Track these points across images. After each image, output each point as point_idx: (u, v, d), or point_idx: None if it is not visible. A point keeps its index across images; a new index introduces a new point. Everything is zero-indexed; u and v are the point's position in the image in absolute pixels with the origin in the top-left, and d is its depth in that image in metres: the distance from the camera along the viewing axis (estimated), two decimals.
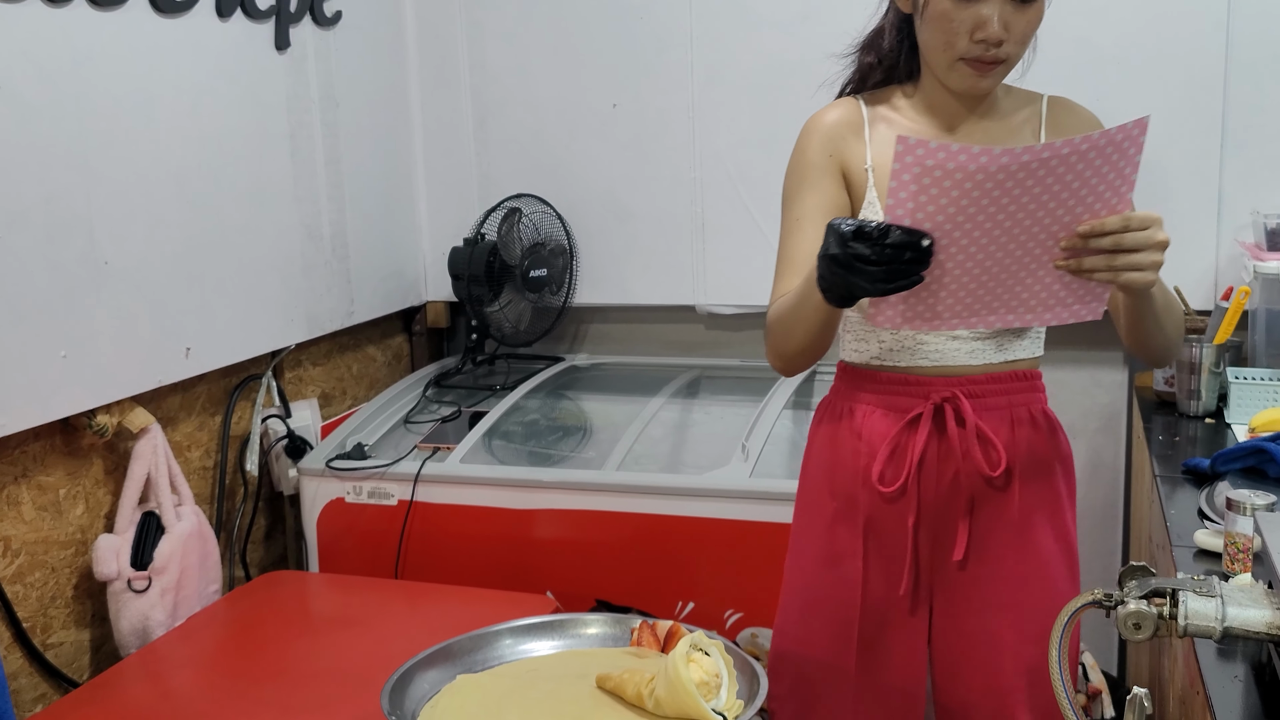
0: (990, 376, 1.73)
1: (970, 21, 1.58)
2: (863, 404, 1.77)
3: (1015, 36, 1.60)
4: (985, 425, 1.71)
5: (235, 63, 2.57)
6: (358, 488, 2.67)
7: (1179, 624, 1.26)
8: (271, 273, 2.70)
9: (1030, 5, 1.59)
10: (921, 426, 1.71)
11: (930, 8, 1.61)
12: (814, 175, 1.73)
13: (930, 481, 1.73)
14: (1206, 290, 2.82)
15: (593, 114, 3.17)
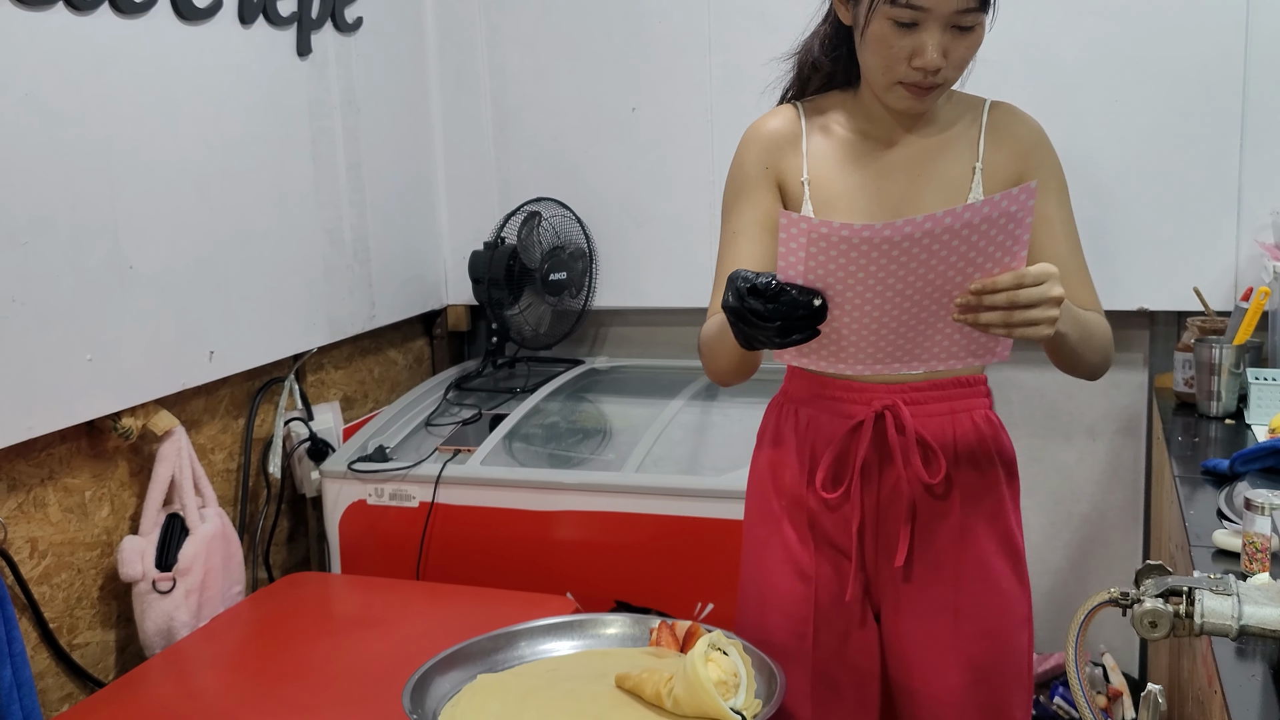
0: (933, 384, 1.75)
1: (909, 48, 1.57)
2: (808, 408, 1.79)
3: (954, 62, 1.59)
4: (926, 432, 1.73)
5: (257, 69, 2.59)
6: (379, 490, 2.69)
7: (1195, 622, 1.26)
8: (293, 277, 2.73)
9: (970, 32, 1.58)
10: (863, 433, 1.73)
11: (869, 31, 1.60)
12: (750, 188, 1.75)
13: (872, 488, 1.75)
14: (1226, 291, 2.82)
15: (611, 118, 3.19)
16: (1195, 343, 2.55)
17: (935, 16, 1.54)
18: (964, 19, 1.56)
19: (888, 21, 1.56)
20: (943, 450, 1.73)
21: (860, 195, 1.73)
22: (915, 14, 1.55)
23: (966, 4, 1.54)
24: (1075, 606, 3.15)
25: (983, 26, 1.60)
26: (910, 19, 1.55)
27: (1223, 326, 2.63)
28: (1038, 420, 3.13)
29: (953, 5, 1.54)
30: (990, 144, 1.72)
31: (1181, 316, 2.91)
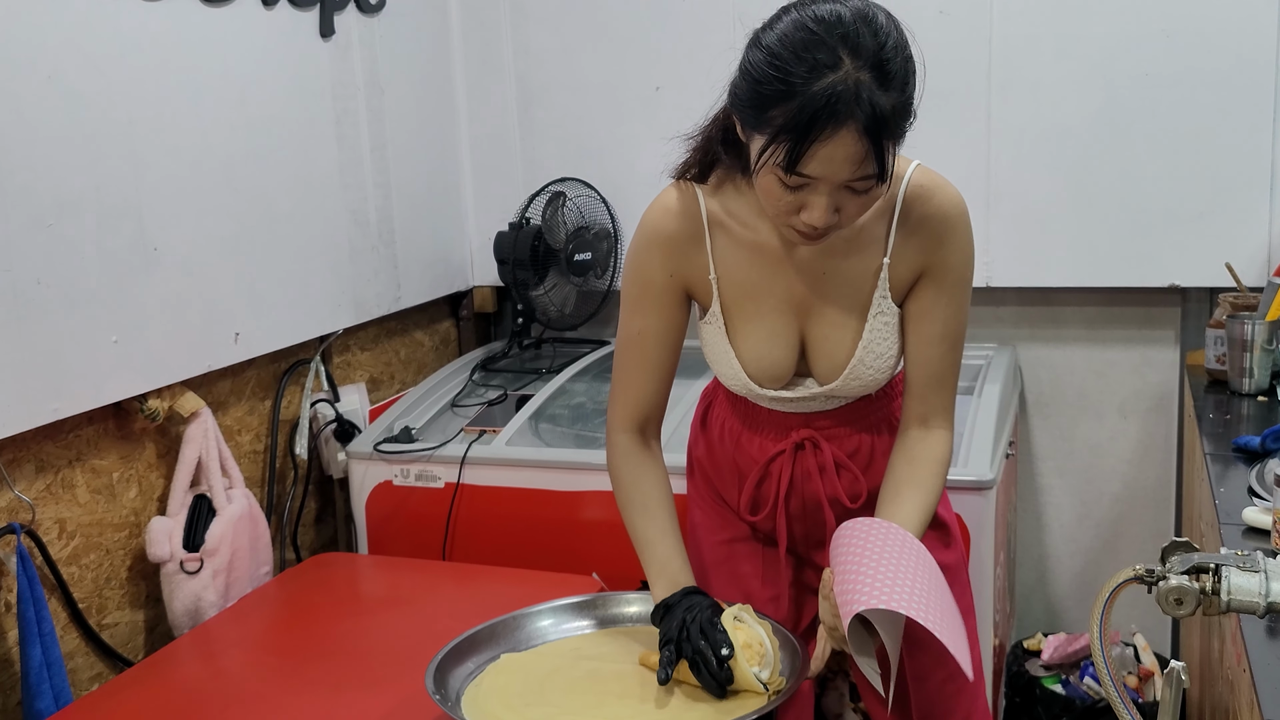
0: (848, 406, 1.78)
1: (797, 204, 1.48)
2: (735, 424, 1.84)
3: (847, 218, 1.51)
4: (845, 458, 1.77)
5: (281, 51, 2.59)
6: (405, 470, 2.69)
7: (1221, 599, 1.25)
8: (319, 259, 2.73)
9: (866, 193, 1.47)
10: (784, 461, 1.78)
11: (758, 179, 1.50)
12: (655, 295, 1.72)
13: (797, 510, 1.81)
14: (1260, 266, 2.78)
15: (636, 97, 3.17)
16: (1227, 319, 2.52)
17: (826, 184, 1.45)
18: (858, 184, 1.46)
19: (775, 179, 1.47)
20: (863, 470, 1.78)
21: (768, 293, 1.70)
22: (804, 181, 1.45)
23: (863, 173, 1.44)
24: None
25: (881, 186, 1.49)
26: (799, 184, 1.46)
27: (1255, 302, 2.60)
28: (1068, 400, 3.10)
29: (844, 176, 1.44)
30: (901, 236, 1.65)
31: (1213, 293, 2.87)
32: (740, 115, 1.51)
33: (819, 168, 1.43)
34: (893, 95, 1.42)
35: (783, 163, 1.43)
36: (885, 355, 1.71)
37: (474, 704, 1.57)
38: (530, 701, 1.56)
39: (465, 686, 1.62)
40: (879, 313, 1.69)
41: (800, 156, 1.42)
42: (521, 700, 1.56)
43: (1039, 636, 2.99)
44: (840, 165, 1.42)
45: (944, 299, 1.67)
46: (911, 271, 1.67)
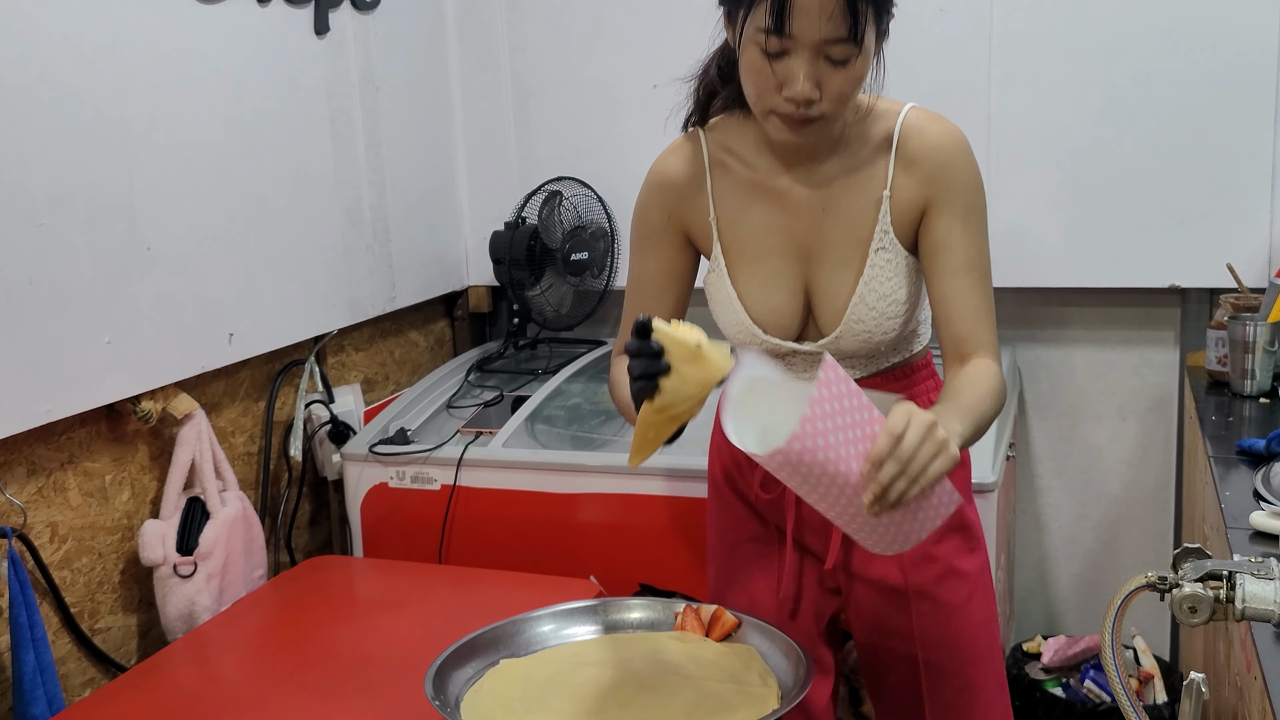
0: (872, 379, 1.76)
1: (779, 76, 1.50)
2: None
3: (830, 95, 1.52)
4: None
5: (275, 48, 2.56)
6: (401, 473, 2.67)
7: (1236, 607, 1.23)
8: (313, 258, 2.70)
9: (845, 66, 1.50)
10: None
11: (743, 58, 1.54)
12: (655, 238, 1.74)
13: None
14: (1260, 267, 2.77)
15: (633, 95, 3.15)
16: (1229, 320, 2.51)
17: (803, 45, 1.47)
18: (834, 50, 1.48)
19: (757, 49, 1.50)
20: None
21: (767, 234, 1.69)
22: (783, 43, 1.47)
23: (834, 33, 1.46)
24: (1106, 588, 3.13)
25: (864, 60, 1.52)
26: (778, 48, 1.48)
27: (1257, 303, 2.58)
28: (1067, 400, 3.08)
29: (819, 34, 1.46)
30: (900, 168, 1.65)
31: (1214, 294, 2.86)
32: (726, 5, 1.57)
33: (791, 20, 1.45)
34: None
35: (759, 17, 1.47)
36: (888, 298, 1.66)
37: (474, 710, 1.54)
38: (531, 707, 1.54)
39: (465, 692, 1.59)
40: (880, 248, 1.66)
41: (772, 4, 1.45)
42: (523, 705, 1.54)
43: (1038, 639, 2.98)
44: (814, 20, 1.45)
45: (958, 226, 1.63)
46: (914, 204, 1.65)
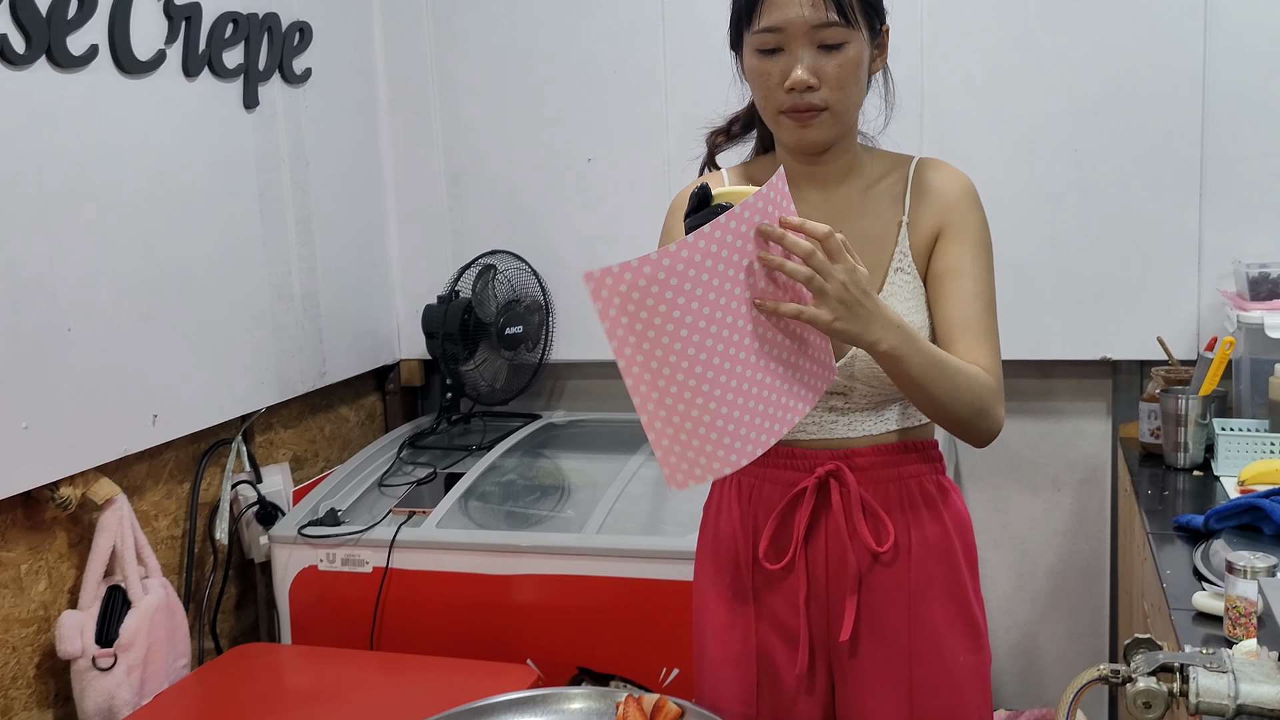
0: (877, 449, 1.69)
1: (779, 73, 1.57)
2: (750, 476, 1.73)
3: (829, 82, 1.57)
4: (872, 499, 1.67)
5: (203, 122, 2.52)
6: (331, 555, 2.60)
7: (1190, 701, 1.21)
8: (241, 335, 2.64)
9: (839, 51, 1.56)
10: (806, 501, 1.67)
11: (745, 67, 1.62)
12: None
13: (819, 558, 1.69)
14: (1189, 339, 2.80)
15: (568, 168, 3.14)
16: (1161, 393, 2.53)
17: (795, 35, 1.54)
18: (827, 35, 1.54)
19: (756, 51, 1.58)
20: (891, 517, 1.68)
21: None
22: (776, 37, 1.55)
23: (823, 18, 1.53)
24: (1044, 659, 3.13)
25: (858, 45, 1.57)
26: (774, 44, 1.56)
27: (1187, 376, 2.61)
28: (1002, 471, 3.09)
29: (809, 20, 1.53)
30: (915, 198, 1.69)
31: (1144, 365, 2.89)
32: (732, 33, 1.64)
33: (779, 13, 1.53)
34: None
35: (751, 22, 1.56)
36: (907, 316, 1.63)
37: None
38: None
39: None
40: (899, 269, 1.66)
41: (761, 4, 1.54)
42: None
43: None
44: (796, 7, 1.52)
45: (969, 255, 1.66)
46: (930, 233, 1.67)
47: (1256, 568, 1.59)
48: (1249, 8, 2.69)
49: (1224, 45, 2.71)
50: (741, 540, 1.74)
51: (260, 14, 2.68)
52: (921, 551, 1.69)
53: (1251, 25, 2.70)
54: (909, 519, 1.69)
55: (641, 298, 1.28)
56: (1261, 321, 2.49)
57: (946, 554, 1.72)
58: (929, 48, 2.85)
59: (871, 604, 1.69)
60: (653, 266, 1.27)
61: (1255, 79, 2.71)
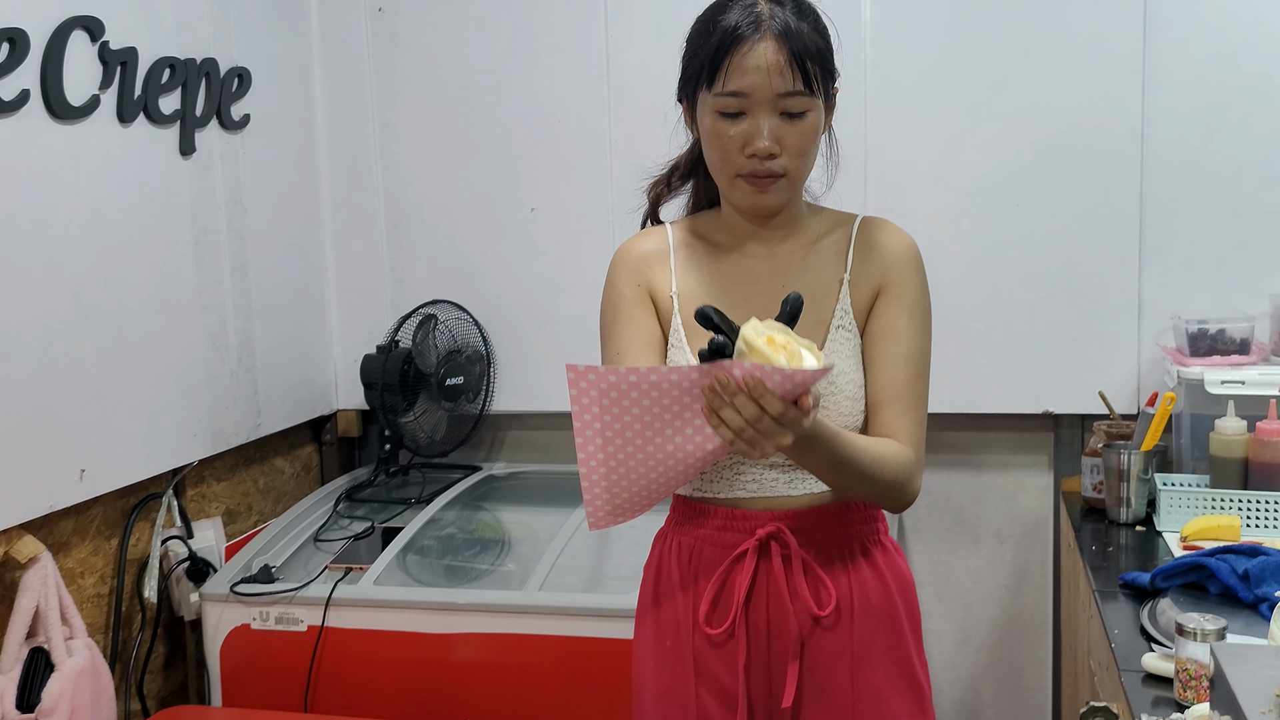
0: (818, 509, 1.67)
1: (740, 138, 1.56)
2: (690, 537, 1.71)
3: (790, 150, 1.58)
4: (814, 560, 1.65)
5: (137, 169, 2.46)
6: (264, 613, 2.52)
7: None
8: (174, 386, 2.57)
9: (801, 119, 1.56)
10: (746, 564, 1.65)
11: (703, 127, 1.61)
12: (626, 307, 1.71)
13: (760, 621, 1.66)
14: (1130, 393, 2.83)
15: (511, 217, 3.11)
16: (1103, 448, 2.54)
17: (759, 102, 1.54)
18: (791, 104, 1.55)
19: (716, 114, 1.56)
20: (833, 579, 1.66)
21: (725, 308, 1.65)
22: (740, 101, 1.54)
23: (789, 87, 1.53)
24: (989, 713, 3.11)
25: (817, 113, 1.58)
26: (736, 107, 1.55)
27: (1129, 431, 2.63)
28: (945, 525, 3.09)
29: (775, 89, 1.53)
30: (858, 256, 1.69)
31: (1085, 419, 2.91)
32: (684, 87, 1.64)
33: (745, 78, 1.53)
34: (807, 25, 1.56)
35: (713, 84, 1.55)
36: (846, 375, 1.64)
37: None
38: None
39: None
40: (840, 326, 1.66)
41: (725, 66, 1.54)
42: None
43: None
44: (764, 75, 1.53)
45: (905, 318, 1.66)
46: (870, 291, 1.67)
47: (1207, 630, 1.59)
48: (1185, 69, 2.74)
49: (1161, 104, 2.75)
50: (682, 603, 1.71)
51: (198, 59, 2.63)
52: (864, 614, 1.67)
53: (1188, 86, 2.74)
54: (851, 580, 1.67)
55: (618, 397, 1.37)
56: (1201, 377, 2.52)
57: (889, 616, 1.70)
58: (872, 102, 2.86)
59: (814, 668, 1.66)
60: (638, 376, 1.35)
61: (1192, 138, 2.75)
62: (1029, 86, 2.81)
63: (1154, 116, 2.75)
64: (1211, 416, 2.49)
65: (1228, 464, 2.43)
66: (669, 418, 1.39)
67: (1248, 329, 2.62)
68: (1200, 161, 2.76)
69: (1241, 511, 2.36)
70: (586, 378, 1.37)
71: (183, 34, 2.59)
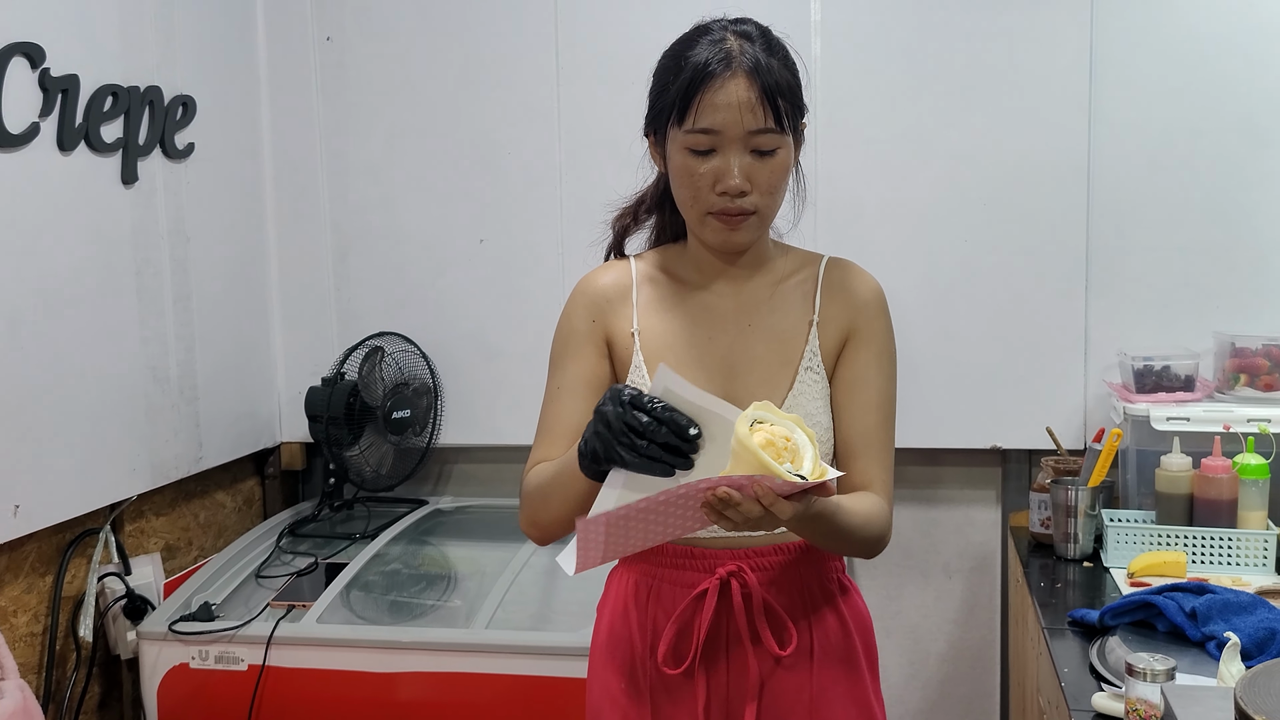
0: (777, 548, 1.65)
1: (711, 175, 1.55)
2: (648, 577, 1.69)
3: (760, 188, 1.57)
4: (775, 601, 1.64)
5: (77, 197, 2.42)
6: (204, 652, 2.47)
7: None
8: (112, 419, 2.52)
9: (772, 156, 1.56)
10: (707, 604, 1.62)
11: (672, 164, 1.59)
12: (576, 343, 1.69)
13: (719, 662, 1.64)
14: (1076, 429, 2.84)
15: (459, 249, 3.08)
16: (1051, 484, 2.54)
17: (730, 139, 1.53)
18: (762, 141, 1.54)
19: (686, 150, 1.55)
20: (793, 619, 1.64)
21: (689, 347, 1.66)
22: (711, 139, 1.53)
23: (760, 124, 1.53)
24: None
25: (788, 150, 1.58)
26: (707, 145, 1.54)
27: (1076, 467, 2.64)
28: (895, 559, 3.09)
29: (746, 126, 1.52)
30: (826, 299, 1.68)
31: (1033, 454, 2.92)
32: (653, 122, 1.62)
33: (716, 115, 1.52)
34: (777, 61, 1.55)
35: (684, 120, 1.53)
36: (813, 418, 1.62)
37: None
38: None
39: None
40: (809, 368, 1.64)
41: (696, 103, 1.52)
42: None
43: None
44: (735, 112, 1.52)
45: (874, 365, 1.66)
46: (839, 334, 1.67)
47: (1156, 670, 1.59)
48: (1130, 107, 2.78)
49: (1107, 142, 2.78)
50: (639, 643, 1.68)
51: (142, 87, 2.59)
52: (823, 654, 1.66)
53: (1133, 124, 2.78)
54: (811, 621, 1.66)
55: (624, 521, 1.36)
56: (1147, 414, 2.54)
57: (848, 656, 1.68)
58: (823, 137, 2.87)
59: (773, 709, 1.64)
60: (648, 503, 1.33)
61: (1137, 176, 2.79)
62: (977, 124, 2.83)
63: (1100, 154, 2.79)
64: (1157, 453, 2.50)
65: (1173, 500, 2.45)
66: (672, 521, 1.39)
67: (1192, 366, 2.65)
68: (1145, 199, 2.79)
69: (1187, 548, 2.38)
70: (599, 526, 1.36)
71: (126, 61, 2.55)
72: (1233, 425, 2.49)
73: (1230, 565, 2.37)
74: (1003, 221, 2.83)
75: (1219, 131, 2.76)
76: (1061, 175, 2.80)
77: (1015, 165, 2.82)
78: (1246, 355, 2.64)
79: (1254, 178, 2.76)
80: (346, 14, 3.08)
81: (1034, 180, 2.81)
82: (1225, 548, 2.37)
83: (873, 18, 2.86)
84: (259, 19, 3.09)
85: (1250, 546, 2.36)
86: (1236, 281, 2.78)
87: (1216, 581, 2.23)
